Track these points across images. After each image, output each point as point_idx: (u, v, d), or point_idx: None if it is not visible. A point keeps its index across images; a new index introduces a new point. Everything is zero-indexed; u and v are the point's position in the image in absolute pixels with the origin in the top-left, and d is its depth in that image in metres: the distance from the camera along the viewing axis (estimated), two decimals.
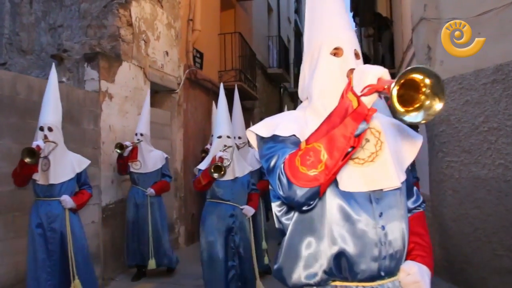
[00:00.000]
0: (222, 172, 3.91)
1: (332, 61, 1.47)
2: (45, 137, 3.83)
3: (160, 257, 5.59)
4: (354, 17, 20.31)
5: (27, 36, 7.27)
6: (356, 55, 1.48)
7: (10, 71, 6.59)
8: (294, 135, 1.42)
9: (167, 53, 7.12)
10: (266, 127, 1.49)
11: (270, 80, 14.73)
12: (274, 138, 1.43)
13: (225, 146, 4.14)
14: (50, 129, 3.88)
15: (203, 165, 4.24)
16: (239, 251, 4.15)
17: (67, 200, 3.91)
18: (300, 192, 1.25)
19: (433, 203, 5.49)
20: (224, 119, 4.39)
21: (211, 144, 7.14)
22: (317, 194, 1.28)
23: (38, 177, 3.87)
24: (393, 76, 1.12)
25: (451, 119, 4.83)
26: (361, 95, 1.22)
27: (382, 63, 10.16)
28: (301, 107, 1.60)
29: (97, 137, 5.51)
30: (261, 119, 9.31)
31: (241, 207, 4.20)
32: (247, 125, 8.37)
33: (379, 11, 10.89)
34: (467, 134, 4.69)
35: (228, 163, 4.06)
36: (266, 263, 5.42)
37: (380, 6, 11.37)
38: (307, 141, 1.28)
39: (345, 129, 1.22)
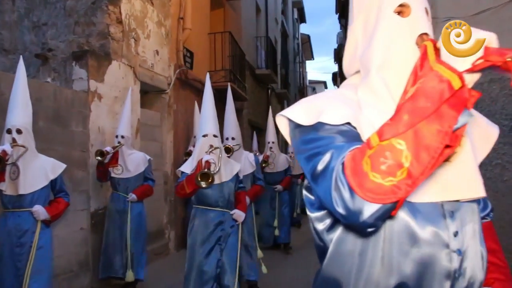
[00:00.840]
0: (210, 180, 3.44)
1: (397, 22, 1.09)
2: (14, 140, 3.40)
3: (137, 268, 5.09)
4: (339, 18, 20.38)
5: (10, 35, 6.97)
6: (427, 14, 1.12)
7: None
8: (348, 123, 1.03)
9: (157, 52, 6.90)
10: (306, 110, 1.09)
11: (258, 81, 14.58)
12: (319, 127, 1.04)
13: (211, 146, 3.68)
14: (19, 132, 3.45)
15: (187, 168, 3.80)
16: (222, 261, 3.75)
17: (39, 211, 3.44)
18: (369, 210, 0.88)
19: None
20: (210, 115, 3.85)
21: (194, 147, 6.93)
22: (390, 212, 0.92)
23: (5, 187, 3.42)
24: None
25: None
26: (465, 71, 0.89)
27: None
28: (347, 84, 1.21)
29: (86, 140, 5.27)
30: (249, 120, 9.06)
31: (231, 212, 3.84)
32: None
33: None
34: None
35: (217, 169, 3.60)
36: (264, 272, 5.18)
37: None
38: (379, 134, 0.90)
39: (441, 120, 0.86)
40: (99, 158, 4.91)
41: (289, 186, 7.63)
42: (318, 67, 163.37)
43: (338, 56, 23.06)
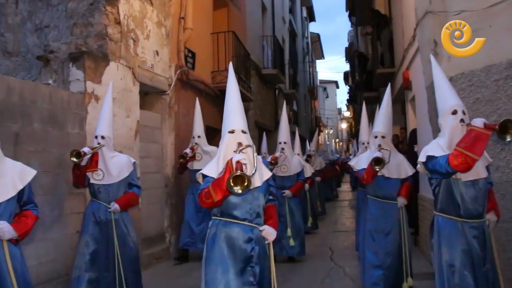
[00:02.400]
0: (246, 184, 2.77)
1: None
2: None
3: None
4: (350, 16, 20.10)
5: (13, 37, 6.91)
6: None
7: None
8: None
9: (157, 52, 6.77)
10: None
11: (265, 81, 14.41)
12: None
13: (239, 144, 3.04)
14: None
15: (211, 170, 3.11)
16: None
17: (5, 229, 2.81)
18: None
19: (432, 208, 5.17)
20: (236, 108, 3.24)
21: (191, 149, 6.57)
22: None
23: None
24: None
25: None
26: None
27: (381, 62, 9.87)
28: None
29: (83, 141, 5.15)
30: (256, 121, 8.74)
31: (260, 228, 3.08)
32: None
33: (377, 9, 10.61)
34: None
35: (253, 170, 2.96)
36: None
37: (378, 3, 11.09)
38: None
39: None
40: (74, 159, 4.19)
41: (300, 192, 6.65)
42: (330, 66, 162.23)
43: (349, 54, 22.76)
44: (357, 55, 12.42)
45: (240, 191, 2.75)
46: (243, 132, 3.06)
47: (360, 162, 5.00)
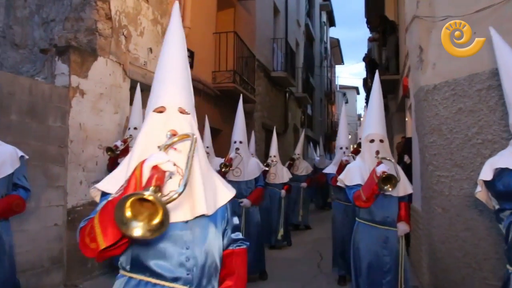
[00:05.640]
0: (159, 219, 2.52)
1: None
2: None
3: None
4: (367, 23, 19.82)
5: (21, 30, 7.02)
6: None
7: (2, 65, 6.39)
8: None
9: (151, 50, 6.76)
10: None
11: (274, 84, 14.31)
12: None
13: (173, 135, 2.85)
14: None
15: (110, 182, 2.52)
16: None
17: None
18: None
19: (424, 221, 5.00)
20: (175, 70, 2.45)
21: (123, 141, 5.40)
22: None
23: None
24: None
25: (442, 128, 4.34)
26: None
27: (386, 68, 9.66)
28: None
29: (65, 135, 5.17)
30: (262, 123, 8.50)
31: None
32: (248, 129, 7.86)
33: (387, 14, 10.40)
34: (459, 146, 4.20)
35: (182, 186, 2.82)
36: None
37: (388, 9, 10.88)
38: None
39: None
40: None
41: (259, 200, 5.74)
42: (354, 72, 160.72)
43: (367, 61, 22.40)
44: (367, 61, 12.21)
45: (147, 234, 1.33)
46: (182, 112, 1.76)
47: (350, 176, 3.60)
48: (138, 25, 6.47)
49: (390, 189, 3.17)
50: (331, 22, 29.82)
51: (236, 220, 1.87)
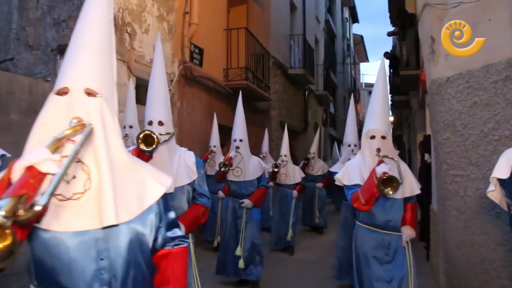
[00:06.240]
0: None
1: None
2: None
3: None
4: (390, 18, 19.28)
5: (34, 31, 7.03)
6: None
7: (17, 66, 6.39)
8: None
9: None
10: None
11: (293, 82, 14.01)
12: None
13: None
14: None
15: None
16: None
17: None
18: None
19: (440, 223, 4.67)
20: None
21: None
22: None
23: None
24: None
25: (456, 124, 4.01)
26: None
27: (407, 64, 9.26)
28: None
29: None
30: (280, 122, 8.10)
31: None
32: (263, 127, 7.48)
33: (407, 7, 9.97)
34: (474, 143, 3.86)
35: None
36: None
37: (408, 1, 10.44)
38: None
39: None
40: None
41: (261, 201, 5.33)
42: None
43: (387, 56, 21.83)
44: (387, 57, 11.78)
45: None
46: (90, 94, 1.42)
47: (349, 174, 3.28)
48: (143, 22, 6.33)
49: (390, 192, 2.86)
50: (354, 18, 29.24)
51: (172, 215, 1.60)
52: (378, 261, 3.16)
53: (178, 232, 1.61)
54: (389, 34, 10.60)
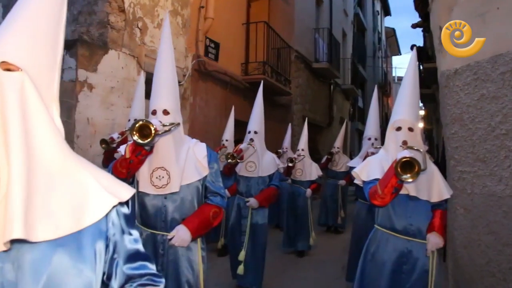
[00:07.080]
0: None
1: None
2: None
3: None
4: (417, 10, 18.72)
5: None
6: None
7: None
8: None
9: None
10: None
11: (317, 76, 13.80)
12: None
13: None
14: None
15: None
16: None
17: None
18: None
19: (448, 223, 4.45)
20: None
21: (121, 134, 4.74)
22: None
23: None
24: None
25: (464, 117, 3.78)
26: None
27: (431, 56, 8.93)
28: None
29: (71, 130, 5.14)
30: (303, 116, 7.72)
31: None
32: (285, 122, 7.21)
33: None
34: (481, 138, 3.64)
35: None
36: None
37: None
38: None
39: None
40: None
41: (269, 202, 4.81)
42: None
43: (420, 52, 21.24)
44: (415, 49, 11.40)
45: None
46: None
47: (368, 169, 2.91)
48: (156, 17, 6.35)
49: (410, 180, 2.48)
50: (386, 11, 28.53)
51: (135, 242, 1.16)
52: (393, 271, 2.80)
53: (147, 266, 1.18)
54: (413, 26, 10.24)
